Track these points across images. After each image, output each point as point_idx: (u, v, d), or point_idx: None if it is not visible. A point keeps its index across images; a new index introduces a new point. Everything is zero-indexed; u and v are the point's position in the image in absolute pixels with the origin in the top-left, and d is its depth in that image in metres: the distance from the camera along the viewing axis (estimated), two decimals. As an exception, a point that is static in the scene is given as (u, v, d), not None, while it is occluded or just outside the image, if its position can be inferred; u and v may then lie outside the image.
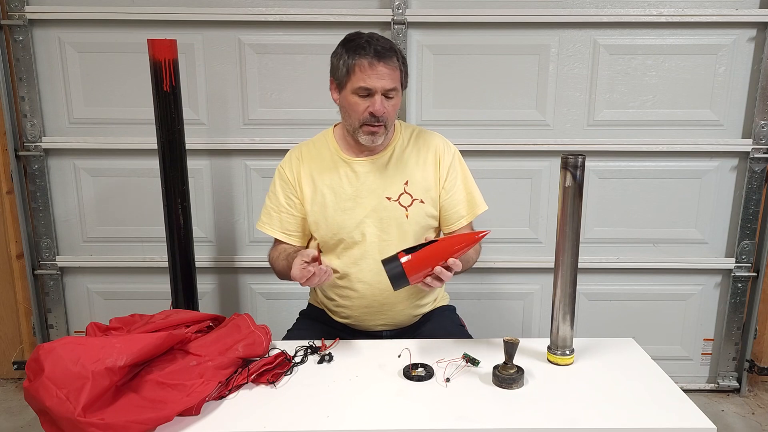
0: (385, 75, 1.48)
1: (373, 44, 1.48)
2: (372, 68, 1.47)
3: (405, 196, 1.60)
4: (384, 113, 1.50)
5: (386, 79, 1.48)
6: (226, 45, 2.30)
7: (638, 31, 2.27)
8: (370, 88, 1.48)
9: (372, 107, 1.49)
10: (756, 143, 2.33)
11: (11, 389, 2.56)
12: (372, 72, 1.47)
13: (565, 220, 1.33)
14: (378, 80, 1.47)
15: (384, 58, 1.47)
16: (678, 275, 2.49)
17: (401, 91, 1.56)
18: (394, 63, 1.49)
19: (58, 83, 2.33)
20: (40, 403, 1.10)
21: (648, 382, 1.31)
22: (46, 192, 2.40)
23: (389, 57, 1.48)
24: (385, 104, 1.50)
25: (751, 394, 2.58)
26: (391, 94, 1.51)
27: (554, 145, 2.34)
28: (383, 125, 1.52)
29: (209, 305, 2.52)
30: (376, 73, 1.47)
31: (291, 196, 1.64)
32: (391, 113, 1.53)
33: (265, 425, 1.14)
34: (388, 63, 1.48)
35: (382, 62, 1.47)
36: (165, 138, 1.93)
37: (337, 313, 1.70)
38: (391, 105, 1.52)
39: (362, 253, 1.60)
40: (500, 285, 2.51)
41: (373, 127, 1.52)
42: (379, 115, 1.49)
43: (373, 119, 1.50)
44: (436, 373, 1.32)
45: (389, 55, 1.48)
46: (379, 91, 1.48)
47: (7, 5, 2.24)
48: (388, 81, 1.48)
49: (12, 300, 2.53)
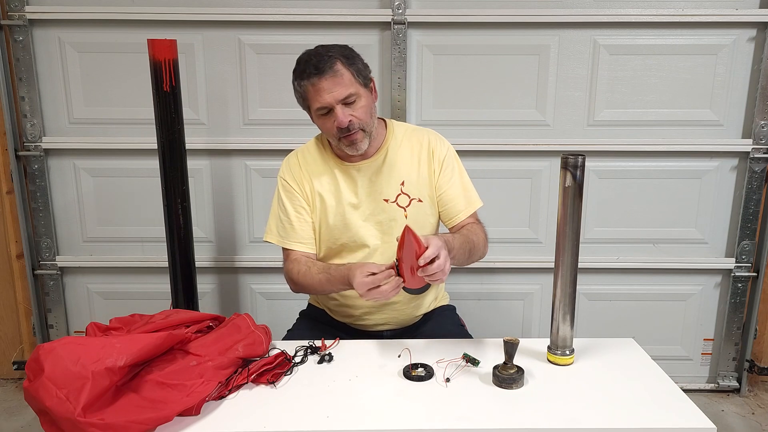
0: (333, 87, 1.45)
1: (312, 62, 1.46)
2: (316, 88, 1.46)
3: (402, 196, 1.60)
4: (351, 121, 1.48)
5: (335, 90, 1.45)
6: (226, 45, 2.30)
7: (638, 31, 2.27)
8: (326, 106, 1.47)
9: (336, 121, 1.48)
10: (756, 143, 2.33)
11: (11, 389, 2.56)
12: (319, 90, 1.46)
13: (565, 220, 1.33)
14: (327, 95, 1.46)
15: (323, 72, 1.45)
16: (678, 275, 2.49)
17: (365, 87, 1.52)
18: (337, 71, 1.46)
19: (58, 83, 2.33)
20: (40, 403, 1.10)
21: (648, 382, 1.31)
22: (46, 192, 2.40)
23: (329, 68, 1.45)
24: (349, 112, 1.48)
25: (751, 394, 2.57)
26: (350, 100, 1.48)
27: (554, 145, 2.34)
28: (360, 130, 1.50)
29: (209, 305, 2.52)
30: (323, 90, 1.46)
31: (299, 205, 1.62)
32: (361, 117, 1.50)
33: (265, 425, 1.14)
34: (329, 75, 1.45)
35: (324, 77, 1.45)
36: (165, 138, 1.93)
37: (337, 312, 1.70)
38: (358, 109, 1.49)
39: (364, 256, 1.60)
40: (500, 285, 2.51)
41: (349, 136, 1.50)
42: (344, 126, 1.48)
43: (345, 131, 1.49)
44: (436, 373, 1.32)
45: (328, 66, 1.45)
46: (336, 104, 1.46)
47: (7, 5, 2.24)
48: (338, 91, 1.46)
49: (12, 300, 2.53)
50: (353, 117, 1.48)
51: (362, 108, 1.50)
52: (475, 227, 1.62)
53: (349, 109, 1.48)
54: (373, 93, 1.57)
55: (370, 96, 1.55)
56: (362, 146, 1.53)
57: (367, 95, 1.53)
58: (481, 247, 1.61)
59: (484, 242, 1.63)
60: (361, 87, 1.50)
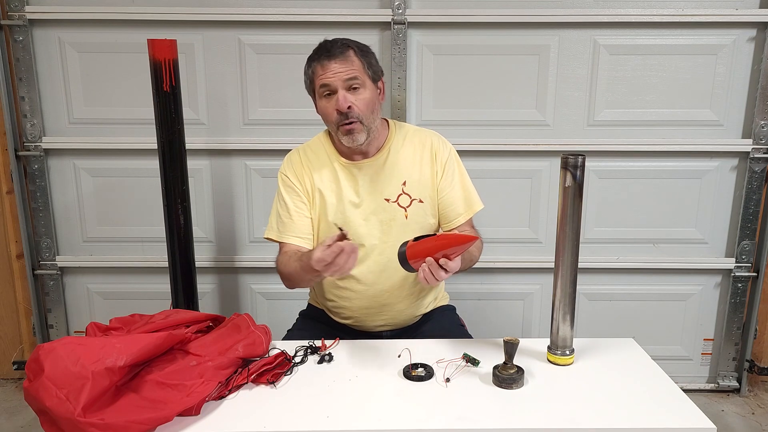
0: (340, 68, 1.48)
1: (326, 46, 1.51)
2: (325, 67, 1.49)
3: (404, 196, 1.60)
4: (350, 108, 1.49)
5: (342, 72, 1.48)
6: (226, 45, 2.30)
7: (638, 31, 2.27)
8: (329, 84, 1.49)
9: (337, 104, 1.49)
10: (756, 143, 2.33)
11: (11, 389, 2.56)
12: (325, 69, 1.49)
13: (565, 220, 1.33)
14: (333, 75, 1.49)
15: (335, 56, 1.49)
16: (678, 275, 2.49)
17: (373, 82, 1.54)
18: (347, 56, 1.50)
19: (58, 83, 2.33)
20: (40, 403, 1.10)
21: (648, 382, 1.31)
22: (46, 192, 2.40)
23: (341, 53, 1.49)
24: (350, 98, 1.49)
25: (751, 394, 2.57)
26: (355, 85, 1.50)
27: (554, 145, 2.34)
28: (358, 121, 1.50)
29: (209, 305, 2.52)
30: (330, 70, 1.49)
31: (299, 200, 1.62)
32: (361, 108, 1.50)
33: (265, 425, 1.14)
34: (340, 58, 1.49)
35: (334, 59, 1.49)
36: (165, 138, 1.93)
37: (337, 313, 1.70)
38: (361, 99, 1.50)
39: (364, 255, 1.59)
40: (500, 285, 2.51)
41: (347, 125, 1.50)
42: (344, 110, 1.49)
43: (343, 117, 1.50)
44: (436, 373, 1.32)
45: (341, 50, 1.49)
46: (340, 87, 1.49)
47: (7, 5, 2.24)
48: (344, 73, 1.48)
49: (12, 300, 2.53)
50: (354, 105, 1.49)
51: (364, 99, 1.51)
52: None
53: (351, 95, 1.50)
54: (380, 92, 1.59)
55: (376, 92, 1.55)
56: (359, 138, 1.52)
57: (373, 89, 1.54)
58: (476, 259, 1.62)
59: (480, 252, 1.64)
60: (368, 79, 1.53)
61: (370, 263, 1.60)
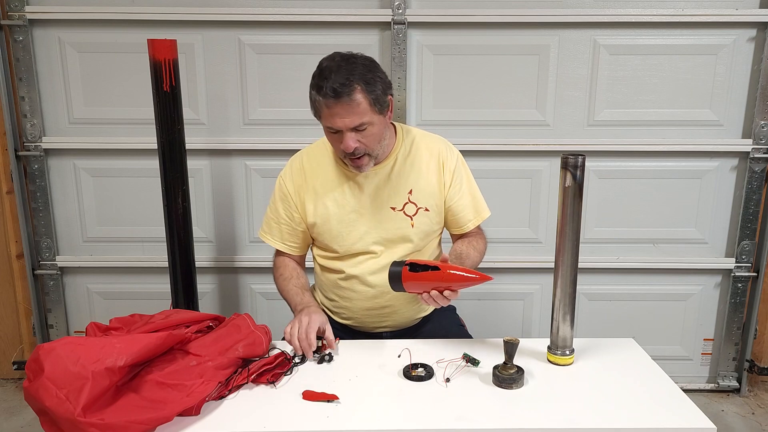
0: (346, 114, 1.40)
1: (330, 81, 1.38)
2: (331, 111, 1.40)
3: (410, 205, 1.58)
4: (357, 147, 1.44)
5: (348, 118, 1.40)
6: (226, 45, 2.30)
7: (638, 31, 2.27)
8: (336, 129, 1.43)
9: (343, 145, 1.44)
10: (756, 143, 2.33)
11: (11, 389, 2.56)
12: (332, 113, 1.40)
13: (565, 220, 1.33)
14: (340, 121, 1.41)
15: (341, 97, 1.37)
16: (678, 275, 2.49)
17: (381, 115, 1.46)
18: (354, 98, 1.38)
19: (58, 83, 2.33)
20: (40, 403, 1.10)
21: (648, 382, 1.31)
22: (46, 192, 2.40)
23: (347, 94, 1.38)
24: (358, 138, 1.43)
25: (751, 394, 2.57)
26: (361, 128, 1.42)
27: (554, 145, 2.34)
28: (365, 155, 1.47)
29: (209, 305, 2.52)
30: (336, 114, 1.40)
31: (291, 211, 1.62)
32: (369, 144, 1.45)
33: (265, 425, 1.14)
34: (345, 101, 1.38)
35: (340, 103, 1.38)
36: (165, 138, 1.93)
37: (337, 314, 1.70)
38: (368, 136, 1.44)
39: (368, 259, 1.59)
40: (500, 285, 2.51)
41: (355, 160, 1.48)
42: (350, 152, 1.45)
43: (350, 154, 1.46)
44: (436, 373, 1.32)
45: (346, 92, 1.37)
46: (346, 130, 1.42)
47: (7, 5, 2.24)
48: (350, 120, 1.40)
49: (12, 300, 2.53)
50: (360, 143, 1.45)
51: (372, 135, 1.46)
52: (479, 242, 1.65)
53: (358, 135, 1.43)
54: (389, 110, 1.50)
55: (384, 121, 1.48)
56: (366, 169, 1.51)
57: (380, 121, 1.46)
58: (479, 262, 1.63)
59: (483, 255, 1.65)
60: (375, 115, 1.44)
61: (373, 266, 1.59)
